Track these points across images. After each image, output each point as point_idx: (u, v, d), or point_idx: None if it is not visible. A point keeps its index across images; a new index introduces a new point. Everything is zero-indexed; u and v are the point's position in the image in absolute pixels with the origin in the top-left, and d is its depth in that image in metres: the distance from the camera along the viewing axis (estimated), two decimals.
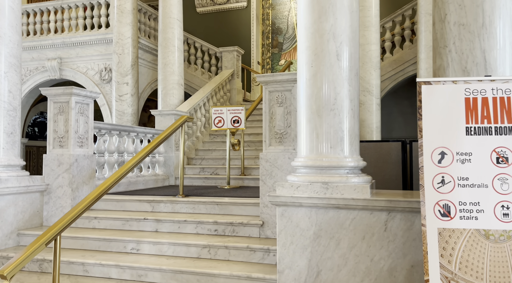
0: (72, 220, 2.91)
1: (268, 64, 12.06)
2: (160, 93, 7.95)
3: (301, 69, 3.06)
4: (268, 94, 3.74)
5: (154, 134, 6.27)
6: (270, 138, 3.73)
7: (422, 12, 6.22)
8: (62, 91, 4.42)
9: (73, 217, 2.92)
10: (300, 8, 3.07)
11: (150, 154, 6.23)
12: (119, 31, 8.24)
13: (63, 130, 4.49)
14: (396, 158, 4.85)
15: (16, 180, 4.18)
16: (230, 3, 11.96)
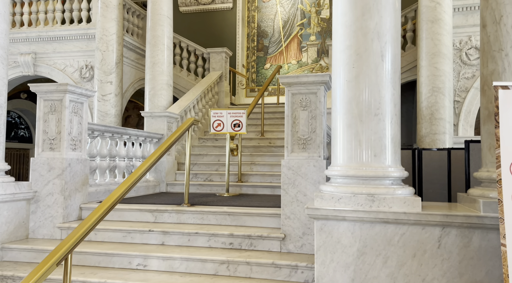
0: (86, 234, 2.52)
1: (253, 67, 11.82)
2: (147, 93, 7.52)
3: (338, 70, 2.83)
4: (291, 97, 3.48)
5: (146, 137, 5.85)
6: (292, 144, 3.47)
7: (423, 19, 6.17)
8: (55, 87, 3.97)
9: (87, 230, 2.53)
10: (339, 4, 2.84)
11: (141, 159, 5.82)
12: (103, 26, 7.75)
13: (55, 131, 4.03)
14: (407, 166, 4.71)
15: (1, 186, 3.69)
16: (215, 3, 11.65)
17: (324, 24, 11.20)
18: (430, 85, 5.96)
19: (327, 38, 11.15)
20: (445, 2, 6.02)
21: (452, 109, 5.99)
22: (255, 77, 11.77)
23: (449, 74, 5.97)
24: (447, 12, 6.03)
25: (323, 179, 3.34)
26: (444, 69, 5.97)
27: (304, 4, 11.36)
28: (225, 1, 11.57)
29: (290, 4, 11.52)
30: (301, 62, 11.38)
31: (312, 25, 11.31)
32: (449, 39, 6.01)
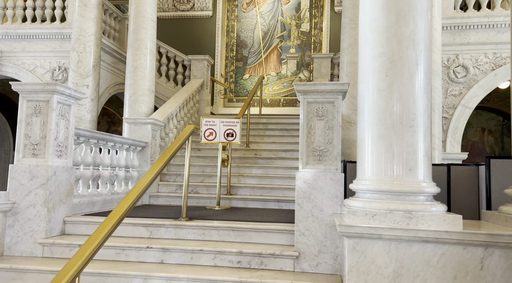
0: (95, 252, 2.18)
1: (231, 77, 11.63)
2: (127, 99, 7.10)
3: (367, 78, 2.69)
4: (307, 106, 3.30)
5: (131, 145, 5.46)
6: (307, 156, 3.28)
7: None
8: (42, 87, 3.57)
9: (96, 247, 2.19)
10: (368, 10, 2.72)
11: (124, 168, 5.42)
12: (81, 26, 7.29)
13: (39, 136, 3.61)
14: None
15: None
16: (194, 10, 11.42)
17: (304, 37, 11.24)
18: None
19: (307, 51, 11.19)
20: (435, 20, 6.14)
21: (441, 125, 6.06)
22: (233, 87, 11.58)
23: (439, 91, 6.06)
24: (437, 30, 6.14)
25: (341, 194, 3.17)
26: (435, 85, 6.05)
27: (284, 16, 11.37)
28: (204, 8, 11.37)
29: (271, 16, 11.49)
30: (281, 74, 11.33)
31: (292, 37, 11.32)
32: (439, 56, 6.12)
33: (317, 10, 11.24)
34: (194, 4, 11.30)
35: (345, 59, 6.53)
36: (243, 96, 11.48)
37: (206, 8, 11.28)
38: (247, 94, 11.42)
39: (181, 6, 11.42)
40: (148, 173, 3.17)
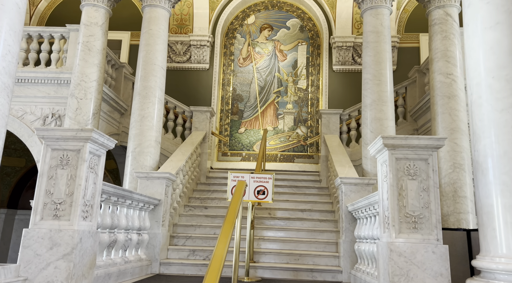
0: None
1: (226, 130, 11.21)
2: (131, 151, 6.45)
3: (492, 133, 2.31)
4: (395, 162, 2.87)
5: (145, 203, 4.75)
6: (400, 222, 2.78)
7: (438, 94, 6.17)
8: (74, 133, 2.95)
9: None
10: (487, 56, 2.41)
11: (136, 231, 4.66)
12: (83, 71, 6.76)
13: (64, 192, 2.93)
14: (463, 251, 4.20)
15: None
16: (190, 62, 11.18)
17: (301, 93, 11.17)
18: (451, 161, 5.76)
19: (304, 107, 11.06)
20: (459, 80, 6.10)
21: (472, 187, 5.79)
22: (227, 140, 11.13)
23: (468, 151, 5.86)
24: (462, 90, 6.09)
25: (446, 271, 2.64)
26: (464, 145, 5.87)
27: (281, 73, 11.35)
28: (201, 61, 11.16)
29: (267, 71, 11.44)
30: (277, 129, 11.05)
31: (289, 93, 11.22)
32: (465, 116, 6.01)
33: (314, 68, 11.31)
34: (190, 57, 11.10)
35: (368, 115, 6.30)
36: (238, 150, 11.01)
37: (203, 61, 11.09)
38: (242, 148, 10.99)
39: (177, 58, 11.17)
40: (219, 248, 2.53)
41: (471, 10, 2.60)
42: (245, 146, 10.92)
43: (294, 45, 11.33)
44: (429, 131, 7.22)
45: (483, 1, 2.49)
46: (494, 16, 2.44)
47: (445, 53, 6.14)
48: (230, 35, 11.39)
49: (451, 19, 6.21)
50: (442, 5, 6.29)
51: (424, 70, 7.84)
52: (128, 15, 11.20)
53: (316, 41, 11.22)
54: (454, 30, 6.19)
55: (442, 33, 6.21)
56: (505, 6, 2.39)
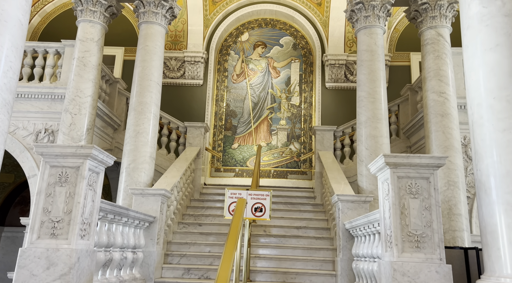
0: None
1: (219, 146, 11.19)
2: (125, 167, 6.38)
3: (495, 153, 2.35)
4: (397, 180, 2.89)
5: (141, 220, 4.68)
6: (402, 241, 2.78)
7: (431, 112, 6.26)
8: (74, 150, 2.91)
9: None
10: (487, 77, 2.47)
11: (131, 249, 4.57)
12: (78, 87, 6.72)
13: (62, 210, 2.87)
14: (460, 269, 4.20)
15: None
16: (184, 78, 11.20)
17: (294, 110, 11.25)
18: (446, 179, 5.81)
19: (297, 123, 11.12)
20: (452, 98, 6.21)
21: (466, 205, 5.83)
22: (221, 156, 11.09)
23: (462, 168, 5.93)
24: (454, 108, 6.20)
25: None
26: (457, 163, 5.93)
27: (274, 89, 11.43)
28: (195, 77, 11.19)
29: (261, 88, 11.51)
30: (271, 144, 11.06)
31: (283, 110, 11.28)
32: (458, 133, 6.10)
33: (307, 85, 11.42)
34: (184, 72, 11.13)
35: (363, 132, 6.35)
36: (231, 165, 10.98)
37: (197, 77, 11.12)
38: (236, 164, 10.96)
39: (171, 74, 11.19)
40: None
41: (470, 32, 2.67)
42: (238, 162, 10.90)
43: (287, 62, 11.45)
44: (422, 148, 7.30)
45: (483, 23, 2.56)
46: (494, 38, 2.50)
47: (437, 72, 6.26)
48: (224, 52, 11.48)
49: (443, 39, 6.36)
50: (434, 26, 6.45)
51: (416, 88, 7.97)
52: (122, 31, 11.23)
53: (309, 58, 11.36)
54: (446, 50, 6.33)
55: (434, 52, 6.34)
56: (504, 29, 2.46)
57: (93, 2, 6.89)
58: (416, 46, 10.24)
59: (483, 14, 2.56)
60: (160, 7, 6.99)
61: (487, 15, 2.54)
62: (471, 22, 2.66)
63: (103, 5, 6.97)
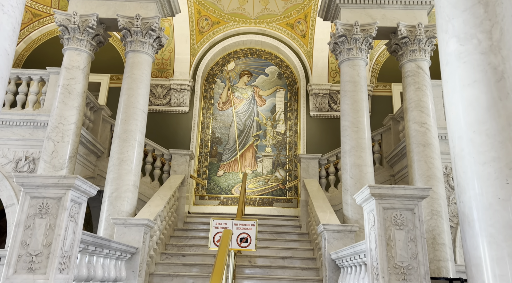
0: None
1: (204, 173, 11.12)
2: (108, 196, 6.25)
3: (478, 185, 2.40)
4: (382, 212, 2.91)
5: (123, 252, 4.55)
6: (389, 273, 2.77)
7: (413, 142, 6.39)
8: (56, 181, 2.85)
9: None
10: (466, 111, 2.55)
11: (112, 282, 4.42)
12: (62, 114, 6.66)
13: (42, 243, 2.78)
14: None
15: None
16: (170, 105, 11.22)
17: (280, 137, 11.33)
18: (429, 208, 5.87)
19: (282, 151, 11.17)
20: (433, 129, 6.37)
21: (450, 234, 5.88)
22: (205, 184, 11.00)
23: (444, 198, 6.02)
24: (435, 138, 6.34)
25: None
26: (440, 192, 6.02)
27: (260, 117, 11.53)
28: (181, 104, 11.23)
29: (247, 115, 11.60)
30: (256, 172, 11.05)
31: (268, 137, 11.35)
32: (440, 163, 6.22)
33: (292, 113, 11.56)
34: (170, 100, 11.17)
35: (348, 161, 6.42)
36: (216, 193, 10.88)
37: (183, 104, 11.16)
38: (221, 192, 10.87)
39: (156, 101, 11.21)
40: None
41: (449, 68, 2.78)
42: (223, 190, 10.82)
43: (272, 91, 11.62)
44: (405, 177, 7.39)
45: (460, 60, 2.67)
46: (472, 74, 2.61)
47: (418, 103, 6.44)
48: (210, 80, 11.60)
49: (423, 72, 6.59)
50: (414, 59, 6.69)
51: (398, 118, 8.15)
52: (108, 58, 11.28)
53: (293, 87, 11.57)
54: (426, 82, 6.54)
55: (415, 84, 6.55)
56: (481, 66, 2.58)
57: (80, 31, 6.94)
58: (397, 77, 10.56)
59: (461, 51, 2.68)
60: (148, 36, 7.07)
61: (465, 52, 2.66)
62: (450, 59, 2.78)
63: (90, 33, 7.02)
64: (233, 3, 11.08)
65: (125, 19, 7.05)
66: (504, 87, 2.46)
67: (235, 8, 11.17)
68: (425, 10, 6.96)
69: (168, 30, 10.88)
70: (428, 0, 6.88)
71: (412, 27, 6.80)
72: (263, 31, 11.44)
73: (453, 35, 2.74)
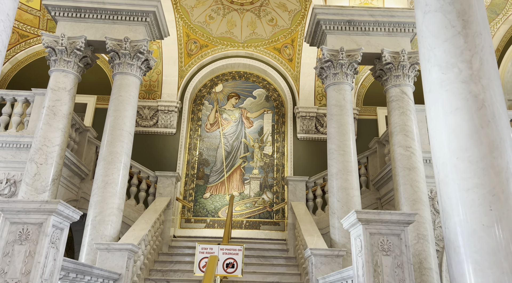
0: None
1: (191, 195, 11.00)
2: (91, 219, 6.11)
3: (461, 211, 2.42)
4: (369, 237, 2.90)
5: (105, 278, 4.41)
6: None
7: (399, 166, 6.45)
8: (38, 206, 2.78)
9: None
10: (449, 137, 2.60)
11: None
12: (46, 136, 6.56)
13: (20, 271, 2.68)
14: None
15: None
16: (157, 127, 11.19)
17: (267, 159, 11.33)
18: (415, 232, 5.89)
19: (270, 173, 11.16)
20: (418, 152, 6.46)
21: (436, 258, 5.88)
22: (192, 206, 10.86)
23: (430, 222, 6.05)
24: (420, 162, 6.43)
25: None
26: (426, 216, 6.05)
27: (247, 139, 11.55)
28: (168, 126, 11.20)
29: (234, 137, 11.62)
30: (243, 194, 10.98)
31: (255, 159, 11.35)
32: (425, 187, 6.28)
33: (279, 135, 11.62)
34: (157, 121, 11.14)
35: (335, 184, 6.44)
36: (202, 216, 10.74)
37: (170, 125, 11.14)
38: (207, 214, 10.74)
39: (143, 122, 11.16)
40: None
41: (432, 95, 2.85)
42: (210, 212, 10.69)
43: (260, 113, 11.70)
44: (392, 200, 7.44)
45: (443, 88, 2.75)
46: (453, 102, 2.68)
47: (403, 128, 6.55)
48: (198, 102, 11.64)
49: (407, 97, 6.73)
50: (398, 84, 6.84)
51: (384, 141, 8.26)
52: (95, 80, 11.25)
53: (281, 110, 11.67)
54: (410, 106, 6.68)
55: (399, 109, 6.68)
56: (462, 94, 2.65)
57: (68, 53, 6.93)
58: (382, 101, 10.76)
59: (443, 80, 2.76)
60: (136, 59, 7.10)
61: (446, 80, 2.74)
62: (432, 86, 2.85)
63: (78, 55, 7.01)
64: (221, 27, 11.26)
65: (113, 42, 7.08)
66: (485, 115, 2.53)
67: (223, 32, 11.35)
68: (408, 37, 7.17)
69: (157, 52, 10.96)
70: (410, 28, 7.10)
71: (396, 54, 6.98)
72: (251, 55, 11.61)
73: (435, 63, 2.83)
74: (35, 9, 10.46)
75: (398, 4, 7.42)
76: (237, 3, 10.92)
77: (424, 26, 3.04)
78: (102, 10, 7.25)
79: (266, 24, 11.23)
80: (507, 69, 10.15)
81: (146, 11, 7.29)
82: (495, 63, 2.80)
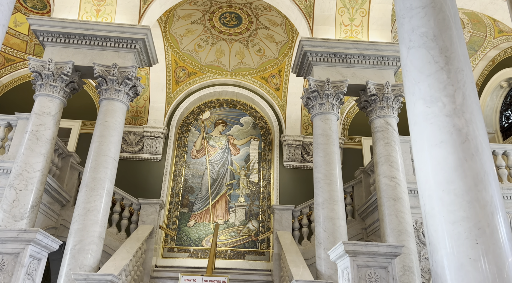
0: None
1: (174, 223, 10.78)
2: (71, 248, 5.90)
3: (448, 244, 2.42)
4: (356, 269, 2.87)
5: None
6: None
7: (384, 196, 6.48)
8: (15, 235, 2.68)
9: None
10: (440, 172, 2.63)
11: None
12: (27, 161, 6.40)
13: None
14: None
15: None
16: (142, 153, 11.08)
17: (253, 187, 11.27)
18: (401, 263, 5.85)
19: (255, 201, 11.07)
20: (403, 183, 6.51)
21: None
22: (175, 235, 10.62)
23: (416, 253, 6.02)
24: (405, 192, 6.47)
25: None
26: (411, 247, 6.03)
27: (234, 166, 11.51)
28: (154, 152, 11.11)
29: (220, 164, 11.56)
30: (228, 222, 10.83)
31: (241, 186, 11.28)
32: (410, 218, 6.29)
33: (266, 163, 11.61)
34: (143, 147, 11.04)
35: (321, 214, 6.40)
36: (186, 245, 10.50)
37: (155, 152, 11.05)
38: (191, 243, 10.51)
39: (128, 148, 11.05)
40: None
41: (417, 128, 2.91)
42: (193, 241, 10.47)
43: (246, 140, 11.72)
44: (377, 231, 7.41)
45: (427, 121, 2.81)
46: (438, 135, 2.73)
47: (388, 158, 6.62)
48: (185, 128, 11.62)
49: (391, 128, 6.85)
50: (382, 115, 6.98)
51: (369, 171, 8.32)
52: (80, 105, 11.17)
53: (267, 137, 11.72)
54: (394, 137, 6.79)
55: (384, 139, 6.77)
56: (447, 127, 2.71)
57: (54, 77, 6.89)
58: (366, 131, 10.92)
59: (427, 113, 2.83)
60: (124, 85, 7.09)
61: (431, 114, 2.80)
62: (418, 119, 2.92)
63: (65, 80, 6.98)
64: (210, 56, 11.42)
65: (101, 68, 7.09)
66: (469, 148, 2.58)
67: (212, 60, 11.51)
68: (392, 70, 7.38)
69: (145, 78, 11.00)
70: (394, 62, 7.32)
71: (380, 86, 7.15)
72: (239, 83, 11.75)
73: (419, 97, 2.91)
74: (23, 33, 10.48)
75: (382, 38, 7.68)
76: (226, 33, 11.14)
77: (408, 60, 3.14)
78: (91, 36, 7.29)
79: (254, 54, 11.44)
80: (486, 103, 10.48)
81: (136, 39, 7.35)
82: (477, 98, 2.89)
